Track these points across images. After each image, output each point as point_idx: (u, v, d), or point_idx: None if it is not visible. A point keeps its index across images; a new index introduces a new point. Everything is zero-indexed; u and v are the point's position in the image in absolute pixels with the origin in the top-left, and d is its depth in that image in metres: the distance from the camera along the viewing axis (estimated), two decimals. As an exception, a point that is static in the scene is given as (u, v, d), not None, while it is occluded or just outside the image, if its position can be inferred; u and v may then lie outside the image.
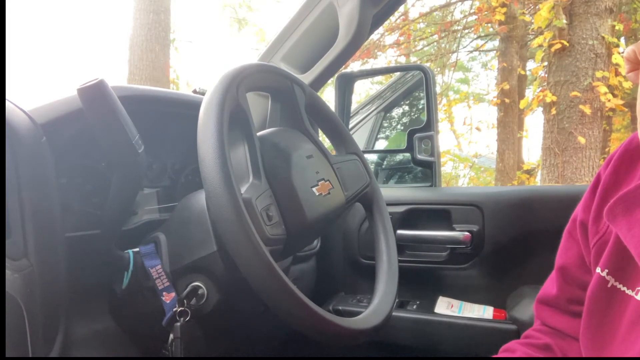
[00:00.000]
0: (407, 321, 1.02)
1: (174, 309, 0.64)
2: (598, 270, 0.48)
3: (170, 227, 0.70)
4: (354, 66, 5.20)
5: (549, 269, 0.61)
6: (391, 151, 1.56)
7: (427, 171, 1.20)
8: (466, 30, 5.97)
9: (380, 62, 5.88)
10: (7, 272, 0.50)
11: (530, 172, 5.66)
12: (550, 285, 0.59)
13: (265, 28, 8.98)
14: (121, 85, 0.75)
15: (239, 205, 0.49)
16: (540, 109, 3.83)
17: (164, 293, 0.65)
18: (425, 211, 1.09)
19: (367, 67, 5.46)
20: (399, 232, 1.07)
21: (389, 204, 0.87)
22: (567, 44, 3.29)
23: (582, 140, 3.22)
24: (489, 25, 5.77)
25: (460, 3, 5.94)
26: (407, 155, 1.22)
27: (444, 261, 1.06)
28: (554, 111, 3.36)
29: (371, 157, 1.48)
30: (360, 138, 1.53)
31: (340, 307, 1.09)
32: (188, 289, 0.64)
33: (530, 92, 6.09)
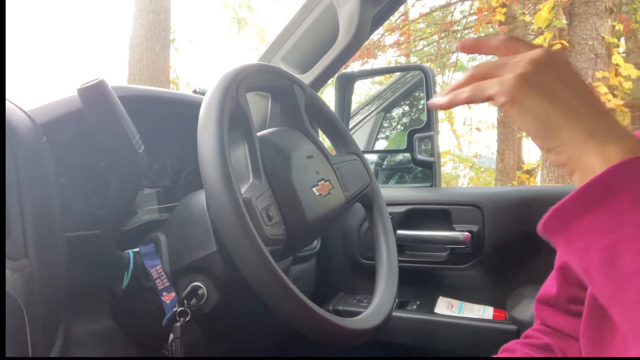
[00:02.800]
0: (407, 321, 1.02)
1: (174, 309, 0.64)
2: (598, 270, 0.48)
3: (170, 227, 0.70)
4: (354, 66, 5.20)
5: (549, 269, 0.60)
6: (391, 151, 1.56)
7: (427, 171, 1.20)
8: (466, 31, 5.97)
9: (380, 62, 5.88)
10: (7, 272, 0.50)
11: (530, 172, 5.65)
12: (550, 285, 0.59)
13: (265, 28, 8.98)
14: (121, 85, 0.75)
15: (239, 206, 0.49)
16: (541, 109, 3.82)
17: (164, 293, 0.65)
18: (425, 211, 1.09)
19: (367, 67, 5.46)
20: (399, 232, 1.07)
21: (389, 204, 0.87)
22: (567, 44, 3.30)
23: (582, 140, 3.21)
24: (489, 25, 5.77)
25: (460, 3, 5.94)
26: (407, 155, 1.22)
27: (444, 261, 1.06)
28: (554, 111, 3.35)
29: (371, 157, 1.48)
30: (360, 138, 1.53)
31: (340, 307, 1.09)
32: (188, 289, 0.64)
33: (530, 92, 6.06)
